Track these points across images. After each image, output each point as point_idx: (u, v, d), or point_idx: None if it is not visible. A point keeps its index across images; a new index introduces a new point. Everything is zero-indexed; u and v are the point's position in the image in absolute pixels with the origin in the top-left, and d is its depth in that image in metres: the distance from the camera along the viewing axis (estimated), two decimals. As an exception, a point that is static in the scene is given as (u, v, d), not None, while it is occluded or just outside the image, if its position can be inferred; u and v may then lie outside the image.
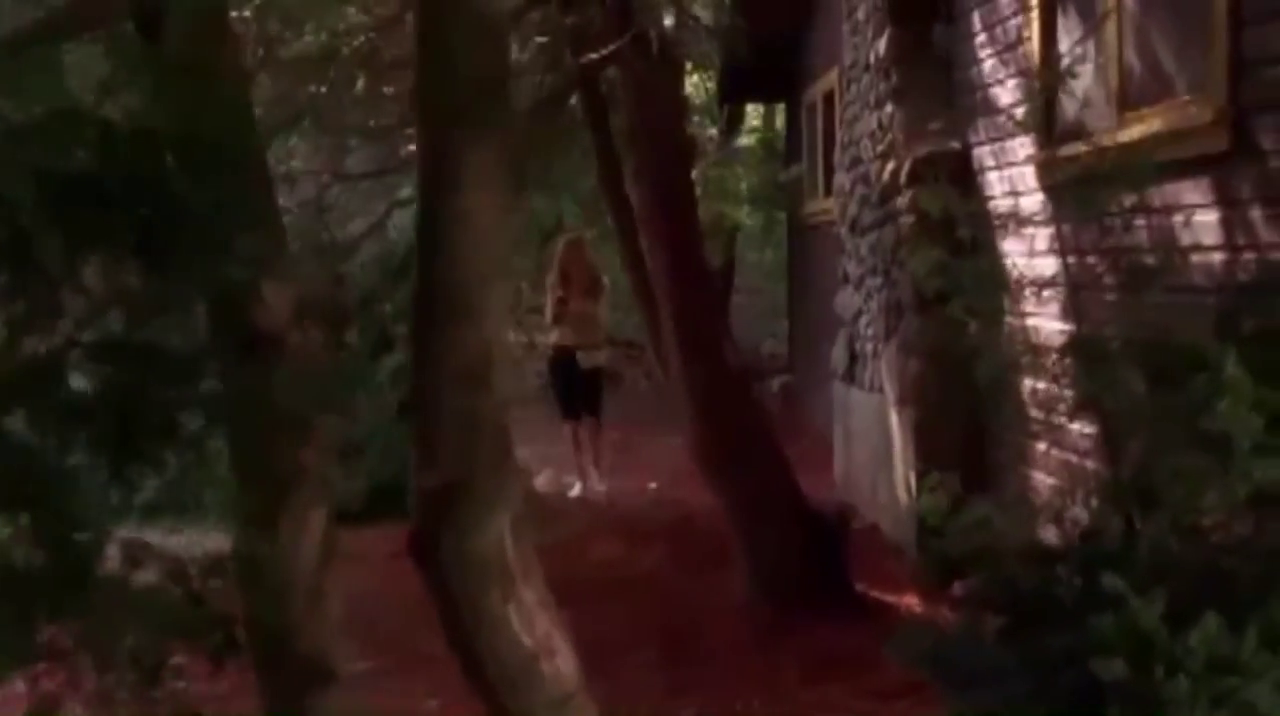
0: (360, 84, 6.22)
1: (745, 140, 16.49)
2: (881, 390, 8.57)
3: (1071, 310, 4.39)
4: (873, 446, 8.81)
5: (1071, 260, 5.34)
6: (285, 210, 7.31)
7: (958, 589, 4.55)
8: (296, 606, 2.94)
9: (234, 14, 4.91)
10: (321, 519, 2.84)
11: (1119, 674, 3.45)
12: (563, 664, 2.81)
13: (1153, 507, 3.93)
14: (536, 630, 2.74)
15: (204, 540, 5.43)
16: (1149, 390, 4.01)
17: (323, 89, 6.15)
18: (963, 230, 4.30)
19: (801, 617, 6.31)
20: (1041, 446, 6.14)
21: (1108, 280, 4.64)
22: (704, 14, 20.23)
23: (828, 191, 12.22)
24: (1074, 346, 4.13)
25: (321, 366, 2.89)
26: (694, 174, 13.40)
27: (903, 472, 7.96)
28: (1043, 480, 6.19)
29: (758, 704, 5.45)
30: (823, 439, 10.75)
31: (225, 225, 2.34)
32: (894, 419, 8.09)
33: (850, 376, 9.90)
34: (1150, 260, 4.23)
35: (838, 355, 10.27)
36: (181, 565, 4.10)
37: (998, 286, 4.50)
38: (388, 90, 6.76)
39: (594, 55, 6.21)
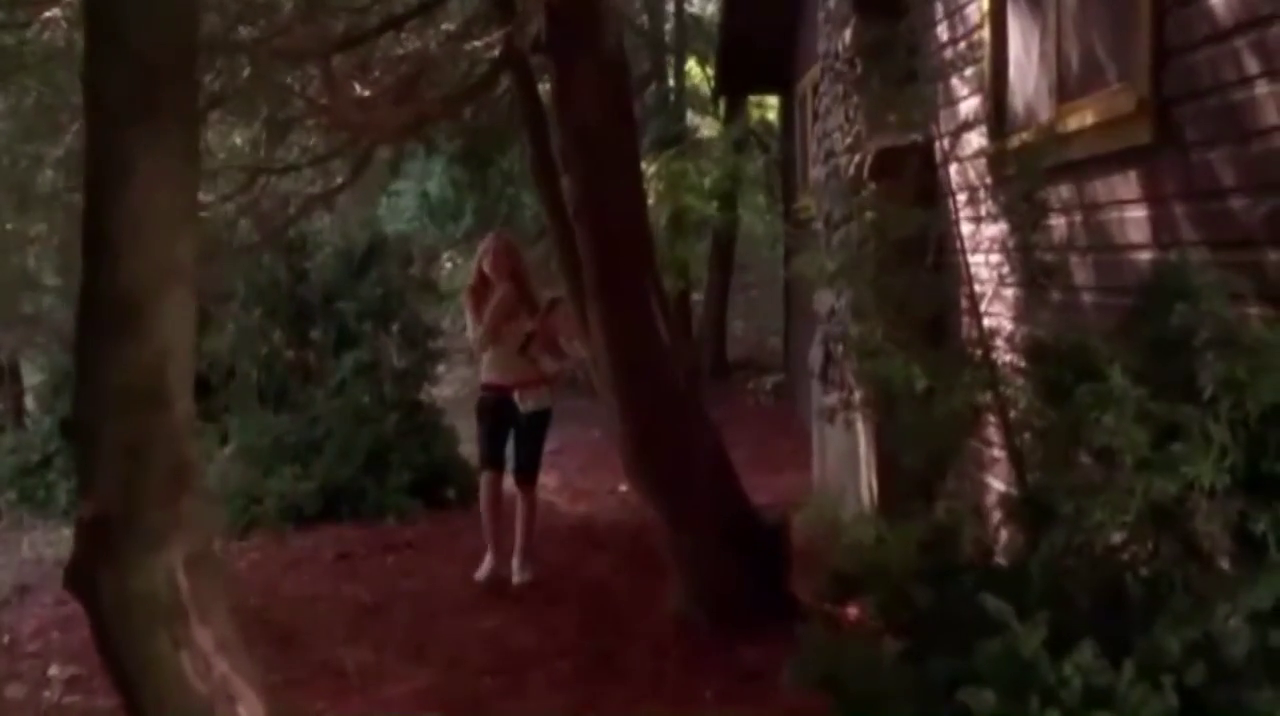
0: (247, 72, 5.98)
1: (708, 132, 16.25)
2: (851, 391, 8.33)
3: (976, 311, 4.13)
4: (843, 450, 8.59)
5: (995, 258, 5.12)
6: (203, 206, 7.12)
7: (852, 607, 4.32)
8: None
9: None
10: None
11: (989, 704, 3.21)
12: (247, 712, 2.55)
13: (1049, 524, 3.68)
14: (213, 675, 2.49)
15: None
16: (1044, 399, 3.77)
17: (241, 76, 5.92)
18: (827, 216, 4.04)
19: (733, 631, 6.07)
20: (991, 451, 5.91)
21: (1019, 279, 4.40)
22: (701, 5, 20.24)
23: (818, 185, 11.98)
24: (960, 352, 3.88)
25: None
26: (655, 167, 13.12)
27: (867, 477, 7.75)
28: (995, 486, 5.96)
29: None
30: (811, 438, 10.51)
31: None
32: (860, 422, 7.86)
33: (825, 376, 9.66)
34: (1050, 258, 3.96)
35: (814, 354, 10.03)
36: None
37: (898, 288, 4.26)
38: (291, 80, 6.53)
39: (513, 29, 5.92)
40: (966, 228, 4.86)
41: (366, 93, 6.72)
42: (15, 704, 6.28)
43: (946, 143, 5.02)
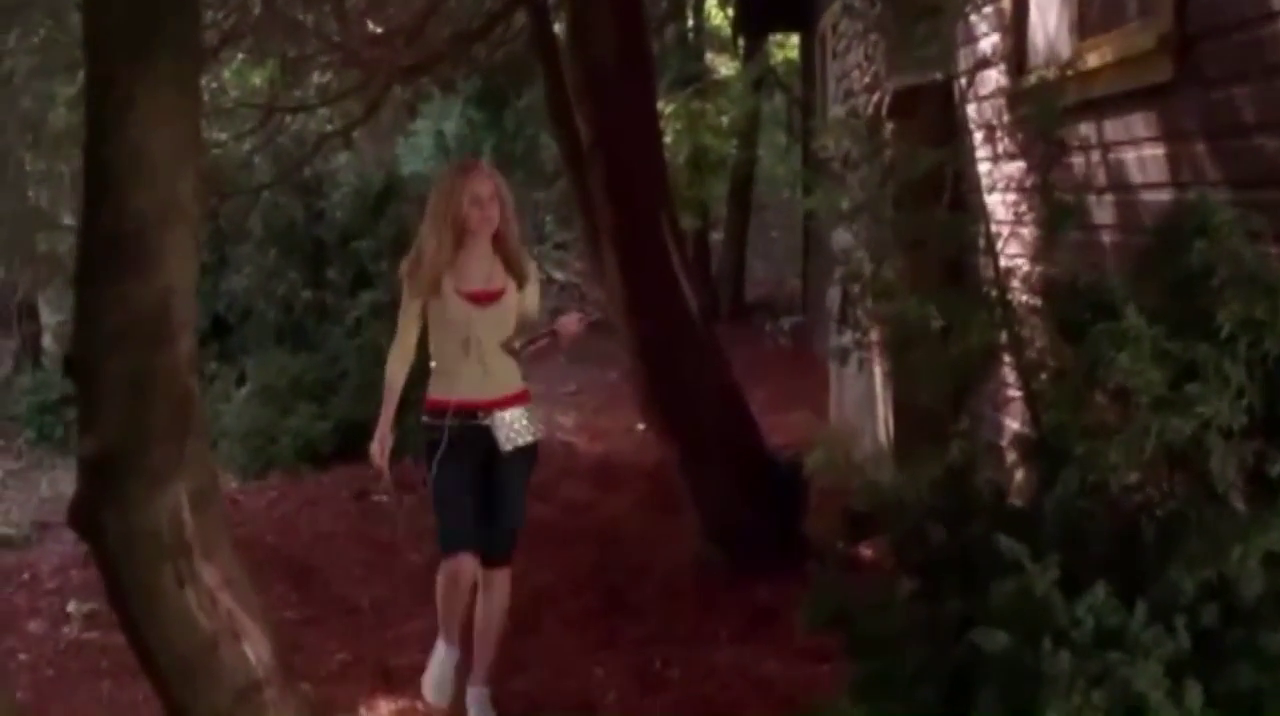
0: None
1: (726, 71, 16.15)
2: (865, 332, 8.30)
3: (993, 250, 4.09)
4: (860, 391, 8.58)
5: (1013, 197, 5.07)
6: (218, 143, 7.11)
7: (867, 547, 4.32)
8: None
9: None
10: None
11: (1001, 645, 3.20)
12: (251, 648, 2.56)
13: (1063, 465, 3.65)
14: (218, 611, 2.49)
15: None
16: (1060, 339, 3.74)
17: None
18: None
19: (749, 570, 6.09)
20: (1007, 391, 5.88)
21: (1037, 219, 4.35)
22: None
23: (838, 125, 11.86)
24: (976, 292, 3.84)
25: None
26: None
27: (883, 417, 7.73)
28: (1011, 426, 5.93)
29: (675, 662, 5.25)
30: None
31: None
32: (877, 364, 7.84)
33: (843, 317, 9.62)
34: (1069, 197, 3.92)
35: (832, 295, 9.99)
36: None
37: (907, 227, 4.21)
38: (303, 17, 6.48)
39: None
40: (984, 167, 4.82)
41: (379, 30, 6.66)
42: (35, 639, 6.35)
43: (965, 81, 4.96)
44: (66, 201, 9.10)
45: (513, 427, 4.97)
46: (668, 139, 13.37)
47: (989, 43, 6.38)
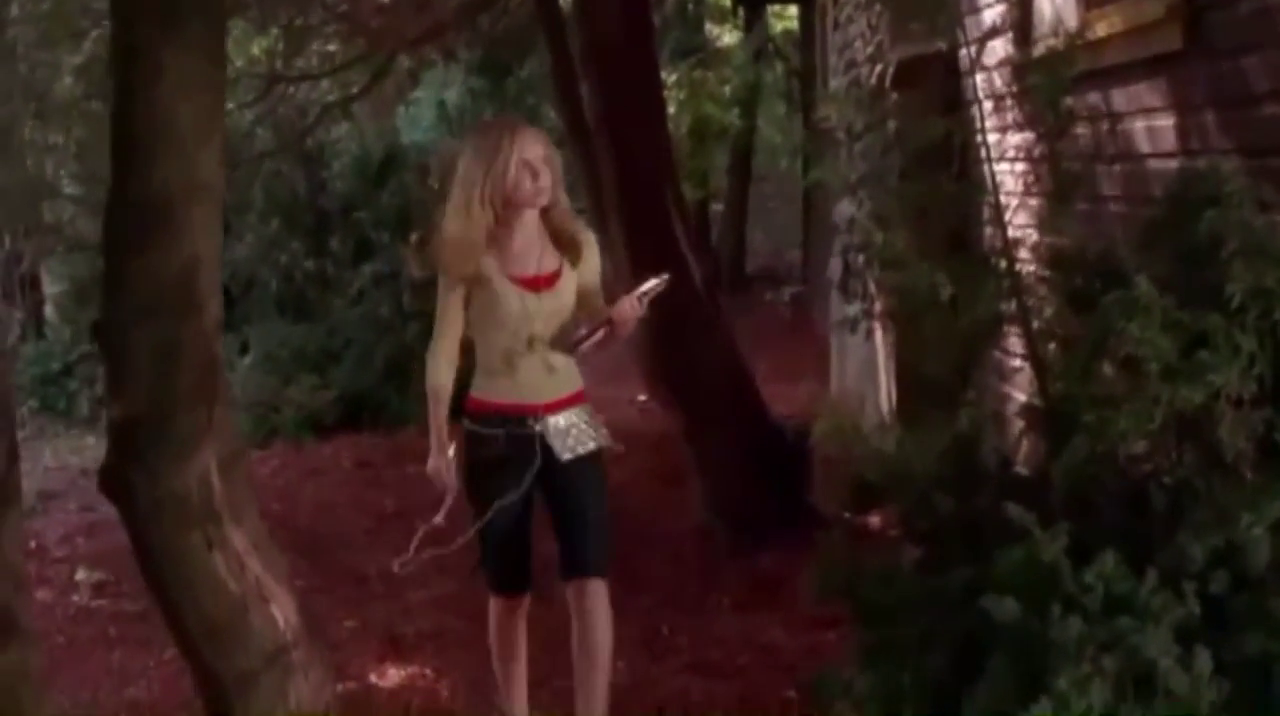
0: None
1: (728, 39, 16.13)
2: (871, 301, 8.32)
3: (1000, 220, 4.09)
4: (862, 360, 8.61)
5: (1020, 168, 5.08)
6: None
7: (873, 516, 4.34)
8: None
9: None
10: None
11: (1010, 612, 3.22)
12: (279, 611, 2.60)
13: (1072, 433, 3.67)
14: (247, 575, 2.52)
15: None
16: (1069, 308, 3.75)
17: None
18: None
19: (754, 540, 6.12)
20: (1012, 361, 5.90)
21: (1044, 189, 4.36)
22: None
23: (840, 96, 11.86)
24: (983, 261, 3.85)
25: None
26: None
27: (886, 387, 7.77)
28: (1016, 396, 5.95)
29: (681, 630, 5.28)
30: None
31: None
32: (879, 333, 7.87)
33: (844, 287, 9.63)
34: (1076, 167, 3.92)
35: (833, 265, 9.99)
36: None
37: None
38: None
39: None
40: (991, 137, 4.82)
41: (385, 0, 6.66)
42: (44, 607, 6.38)
43: (972, 50, 4.96)
44: (71, 172, 9.09)
45: (569, 433, 4.22)
46: (670, 110, 13.37)
47: (994, 12, 6.36)
